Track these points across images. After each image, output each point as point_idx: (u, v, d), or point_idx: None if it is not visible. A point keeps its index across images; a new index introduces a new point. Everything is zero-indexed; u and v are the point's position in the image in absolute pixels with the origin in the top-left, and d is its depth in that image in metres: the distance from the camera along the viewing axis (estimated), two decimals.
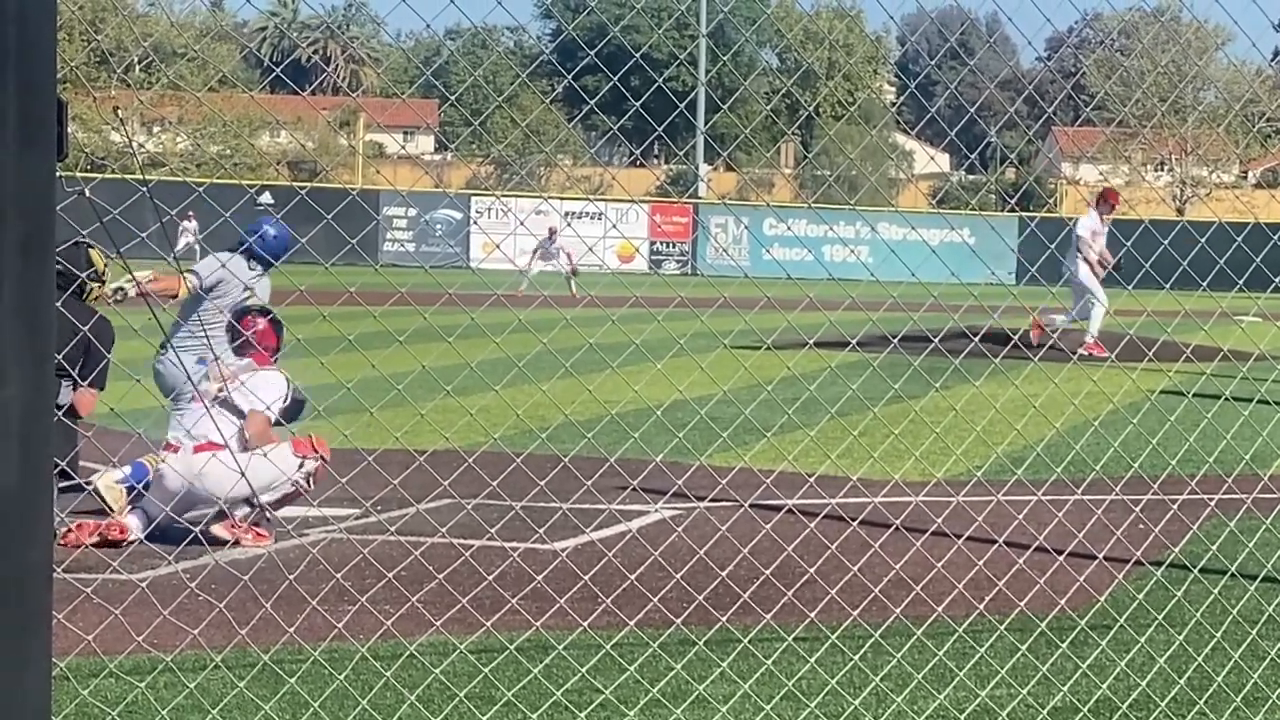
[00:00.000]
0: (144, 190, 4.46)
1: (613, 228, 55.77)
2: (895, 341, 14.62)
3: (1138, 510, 8.78)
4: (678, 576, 7.20)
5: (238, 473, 9.10)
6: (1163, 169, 77.92)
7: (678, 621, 7.16)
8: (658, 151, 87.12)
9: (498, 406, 12.49)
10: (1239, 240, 7.62)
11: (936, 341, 6.40)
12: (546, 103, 57.21)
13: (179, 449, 9.60)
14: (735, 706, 6.37)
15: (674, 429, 9.97)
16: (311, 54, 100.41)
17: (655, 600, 7.21)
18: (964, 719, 6.28)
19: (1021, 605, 7.31)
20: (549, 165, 68.84)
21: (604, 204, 56.24)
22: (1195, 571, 8.00)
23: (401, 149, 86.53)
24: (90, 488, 9.92)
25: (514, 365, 9.10)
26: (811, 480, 9.72)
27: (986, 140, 69.50)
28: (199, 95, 54.10)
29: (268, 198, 33.70)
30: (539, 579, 7.67)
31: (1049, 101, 60.39)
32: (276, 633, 6.86)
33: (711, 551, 7.86)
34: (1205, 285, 7.21)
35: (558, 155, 72.03)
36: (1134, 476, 9.54)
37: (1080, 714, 6.40)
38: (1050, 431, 12.79)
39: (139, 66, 66.24)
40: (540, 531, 9.48)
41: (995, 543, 8.14)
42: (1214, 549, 9.15)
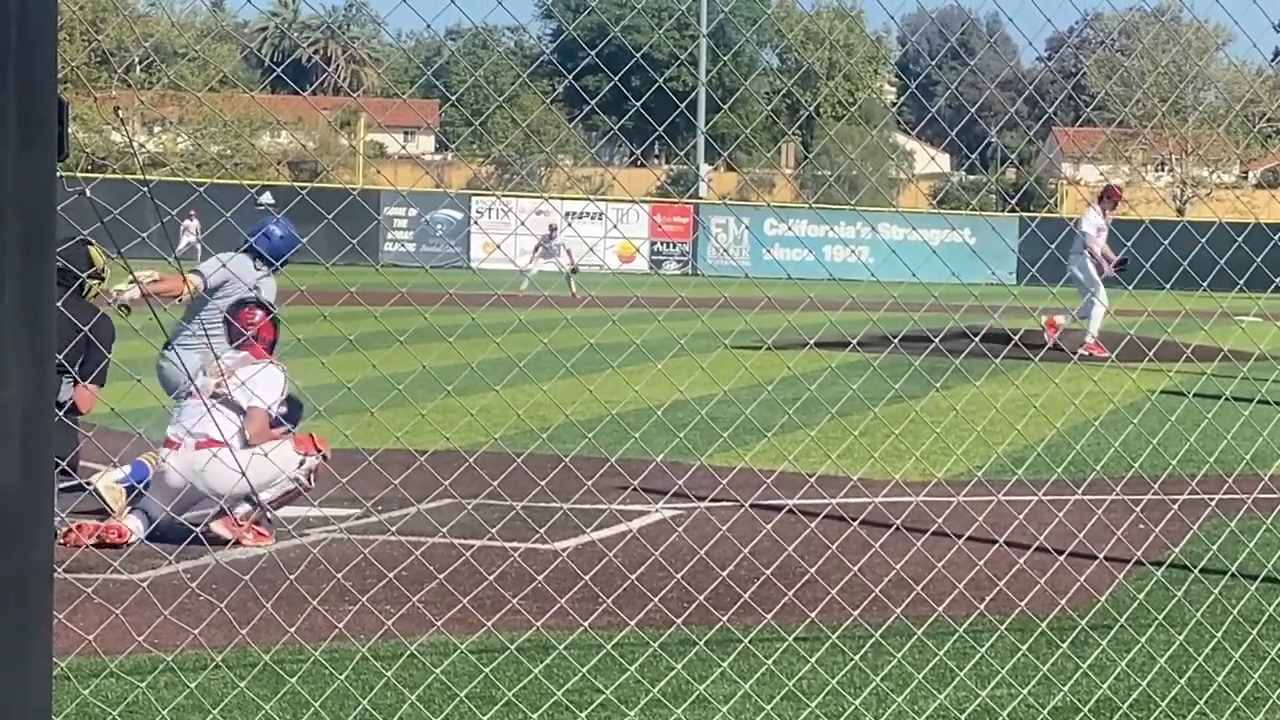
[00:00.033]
0: (145, 190, 4.46)
1: (613, 228, 55.75)
2: (896, 342, 14.62)
3: (1138, 510, 8.78)
4: (678, 576, 7.20)
5: (239, 469, 9.11)
6: (1163, 169, 77.91)
7: (678, 621, 7.17)
8: (658, 151, 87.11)
9: (498, 406, 12.50)
10: (1239, 240, 7.63)
11: (937, 342, 6.41)
12: (547, 103, 57.17)
13: (180, 445, 9.59)
14: (736, 706, 6.37)
15: (674, 429, 9.96)
16: (312, 54, 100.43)
17: (656, 600, 7.21)
18: (964, 719, 6.28)
19: (1022, 605, 7.31)
20: (550, 165, 68.86)
21: (604, 204, 56.22)
22: (1196, 571, 8.00)
23: (402, 149, 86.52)
24: (90, 488, 9.91)
25: (515, 365, 9.10)
26: (812, 480, 9.73)
27: (987, 140, 69.51)
28: (200, 95, 54.08)
29: (268, 198, 33.69)
30: (540, 579, 7.68)
31: (1049, 102, 60.37)
32: (277, 632, 6.86)
33: (712, 551, 7.86)
34: (1205, 285, 7.21)
35: (558, 155, 72.02)
36: (1134, 476, 9.54)
37: (1081, 714, 6.40)
38: (1051, 431, 12.79)
39: (140, 66, 66.23)
40: (541, 531, 9.48)
41: (996, 543, 8.14)
42: (1214, 549, 9.15)
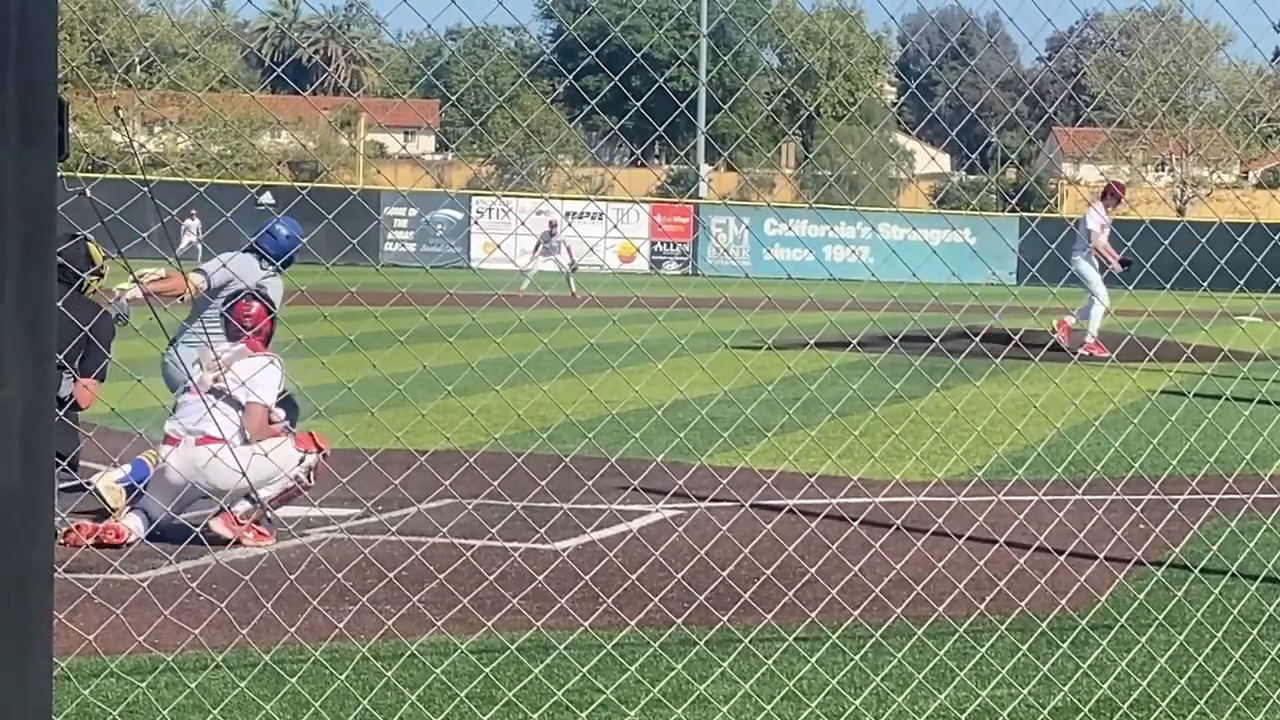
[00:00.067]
0: (145, 190, 4.46)
1: (613, 228, 55.75)
2: (896, 342, 14.62)
3: (1138, 510, 8.78)
4: (678, 576, 7.20)
5: (244, 460, 9.12)
6: (1163, 169, 77.90)
7: (678, 621, 7.17)
8: (658, 151, 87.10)
9: (499, 406, 12.49)
10: (1239, 240, 7.63)
11: (937, 342, 6.41)
12: (547, 103, 57.19)
13: (179, 442, 9.58)
14: (736, 706, 6.37)
15: (675, 429, 9.96)
16: (312, 54, 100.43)
17: (656, 600, 7.21)
18: (965, 719, 6.28)
19: (1022, 605, 7.31)
20: (550, 165, 68.84)
21: (605, 204, 56.21)
22: (1196, 571, 8.00)
23: (402, 149, 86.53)
24: (90, 488, 9.91)
25: (515, 365, 9.10)
26: (812, 480, 9.73)
27: (987, 140, 69.49)
28: (200, 95, 54.08)
29: (269, 198, 33.69)
30: (540, 579, 7.68)
31: (1050, 102, 60.38)
32: (277, 632, 6.86)
33: (712, 551, 7.86)
34: (1206, 285, 7.21)
35: (559, 155, 72.00)
36: (1135, 476, 9.53)
37: (1081, 714, 6.40)
38: (1051, 431, 12.80)
39: (140, 66, 66.23)
40: (541, 531, 9.48)
41: (996, 543, 8.15)
42: (1215, 549, 9.15)
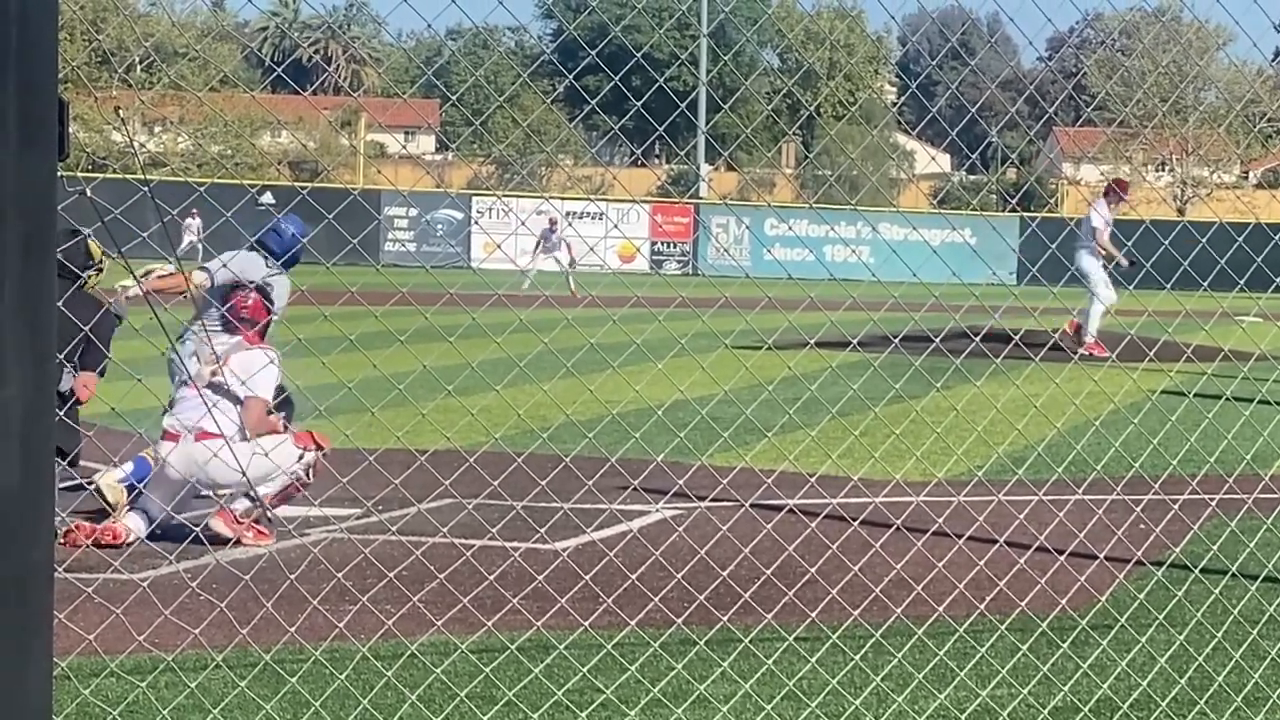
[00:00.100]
0: (145, 190, 4.46)
1: (614, 228, 55.74)
2: (896, 341, 14.62)
3: (1139, 510, 8.78)
4: (679, 576, 7.20)
5: (243, 455, 9.12)
6: (1164, 169, 77.89)
7: (679, 621, 7.17)
8: (659, 151, 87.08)
9: (499, 406, 12.49)
10: (1240, 240, 7.63)
11: (938, 342, 6.41)
12: (548, 103, 57.19)
13: (178, 438, 9.57)
14: (736, 706, 6.37)
15: (675, 429, 9.96)
16: (313, 54, 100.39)
17: (656, 600, 7.21)
18: (965, 719, 6.28)
19: (1022, 605, 7.31)
20: (550, 165, 68.82)
21: (605, 204, 56.21)
22: (1196, 571, 7.99)
23: (403, 149, 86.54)
24: (91, 487, 9.91)
25: (515, 365, 9.11)
26: (812, 480, 9.73)
27: (987, 140, 69.50)
28: (200, 95, 54.07)
29: (269, 198, 33.69)
30: (540, 579, 7.68)
31: (1050, 101, 60.38)
32: (278, 632, 6.86)
33: (712, 551, 7.86)
34: (1206, 285, 7.21)
35: (559, 155, 72.00)
36: (1135, 476, 9.53)
37: (1081, 714, 6.40)
38: (1051, 431, 12.80)
39: (140, 66, 66.23)
40: (541, 531, 9.48)
41: (996, 543, 8.15)
42: (1215, 549, 9.15)
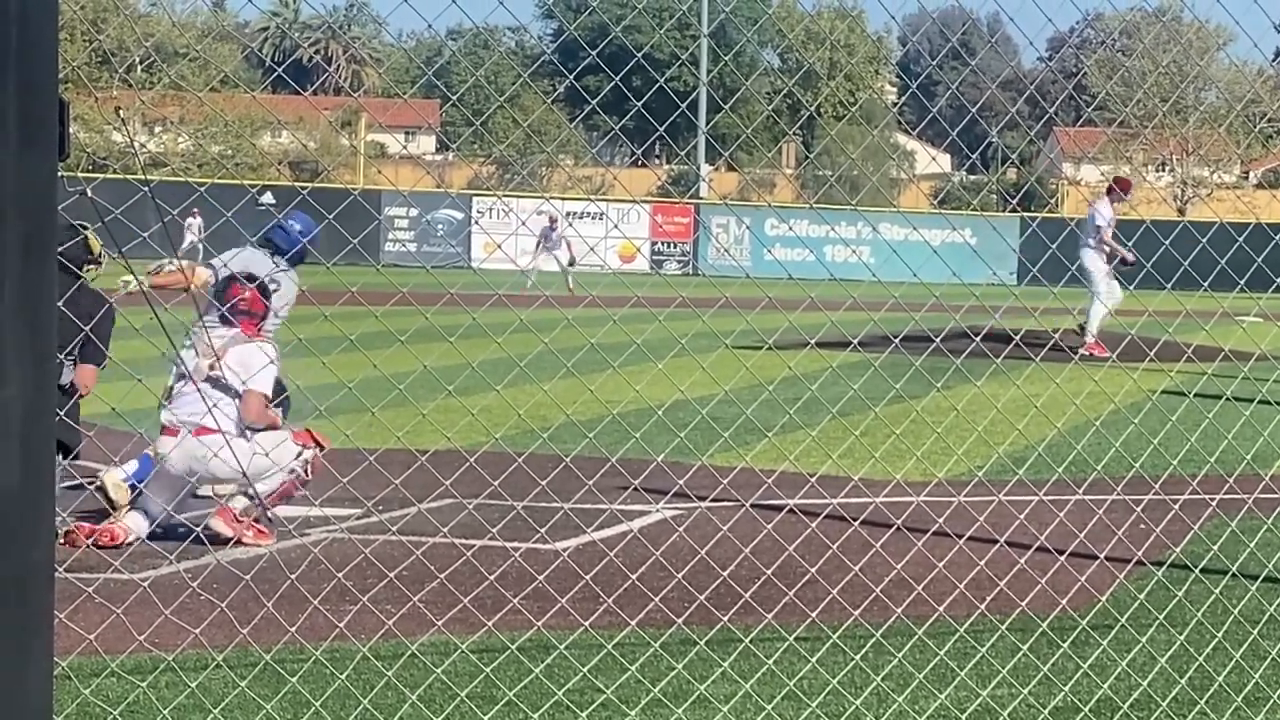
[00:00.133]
0: (145, 190, 4.46)
1: (614, 228, 55.74)
2: (896, 342, 14.62)
3: (1139, 510, 8.78)
4: (679, 576, 7.20)
5: (241, 449, 9.13)
6: (1164, 169, 77.87)
7: (679, 621, 7.17)
8: (659, 152, 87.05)
9: (499, 406, 12.49)
10: (1240, 240, 7.63)
11: (938, 342, 6.41)
12: (548, 103, 57.19)
13: (177, 432, 9.57)
14: (736, 706, 6.37)
15: (675, 429, 9.96)
16: (313, 54, 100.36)
17: (656, 600, 7.21)
18: (965, 719, 6.28)
19: (1023, 605, 7.31)
20: (550, 165, 68.83)
21: (605, 204, 56.21)
22: (1196, 571, 7.99)
23: (403, 149, 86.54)
24: (94, 485, 9.90)
25: (516, 365, 9.11)
26: (813, 480, 9.73)
27: (988, 140, 69.47)
28: (201, 95, 54.09)
29: (269, 198, 33.67)
30: (540, 579, 7.68)
31: (1050, 102, 60.35)
32: (278, 632, 6.86)
33: (713, 551, 7.86)
34: (1206, 285, 7.21)
35: (559, 155, 71.99)
36: (1135, 476, 9.53)
37: (1081, 714, 6.40)
38: (1051, 431, 12.80)
39: (141, 66, 66.22)
40: (542, 531, 9.48)
41: (996, 543, 8.15)
42: (1215, 549, 9.15)
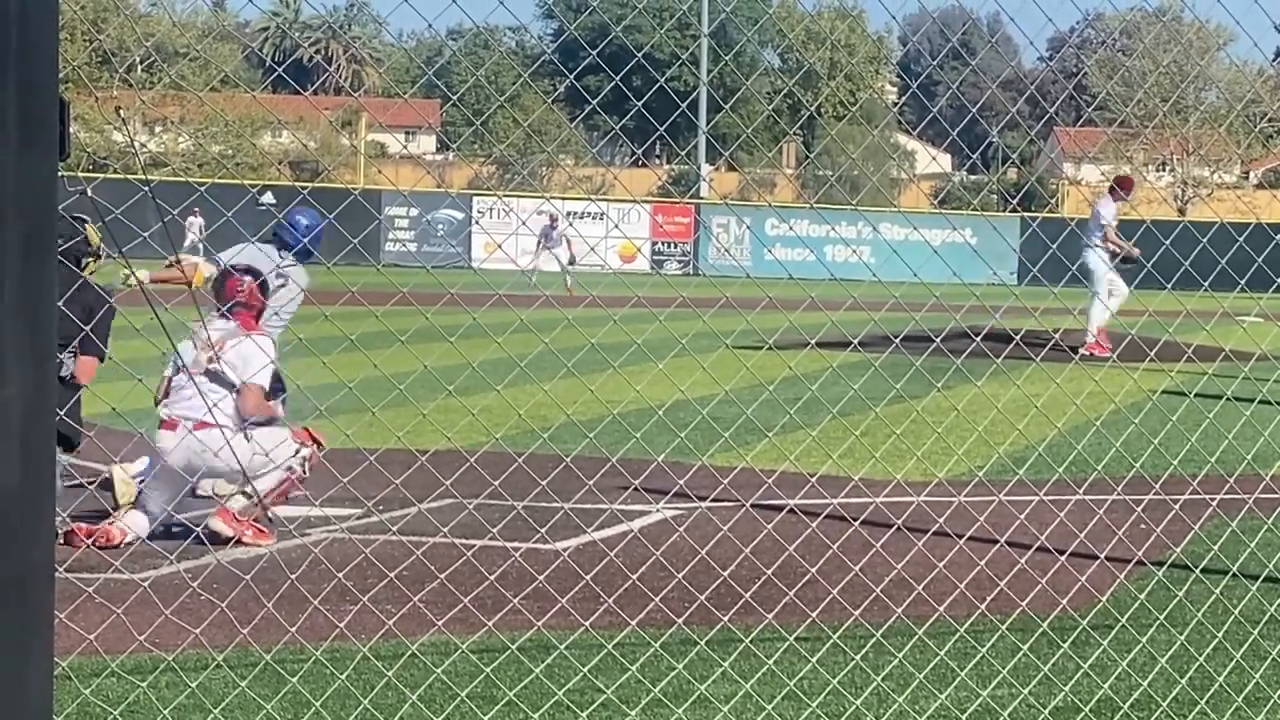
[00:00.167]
0: (146, 190, 4.46)
1: (614, 228, 55.75)
2: (897, 341, 14.61)
3: (1139, 510, 8.78)
4: (679, 576, 7.19)
5: (239, 444, 9.15)
6: (1164, 169, 77.87)
7: (679, 621, 7.17)
8: (659, 151, 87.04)
9: (499, 406, 12.49)
10: (1240, 240, 7.62)
11: (938, 342, 6.41)
12: (548, 103, 57.19)
13: (176, 426, 9.57)
14: (737, 706, 6.37)
15: (676, 429, 9.96)
16: (313, 54, 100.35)
17: (657, 600, 7.20)
18: (965, 719, 6.28)
19: (1023, 605, 7.31)
20: (551, 165, 68.84)
21: (606, 204, 56.21)
22: (1197, 571, 7.99)
23: (403, 149, 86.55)
24: (94, 482, 9.90)
25: (516, 365, 9.12)
26: (813, 480, 9.73)
27: (988, 140, 69.49)
28: (201, 95, 54.11)
29: (270, 198, 33.66)
30: (541, 579, 7.68)
31: (1051, 101, 60.34)
32: (278, 632, 6.86)
33: (713, 551, 7.86)
34: (1207, 285, 7.21)
35: (559, 155, 72.00)
36: (1135, 476, 9.53)
37: (1082, 714, 6.40)
38: (1052, 431, 12.80)
39: (141, 66, 66.25)
40: (542, 531, 9.48)
41: (997, 543, 8.14)
42: (1216, 549, 9.14)
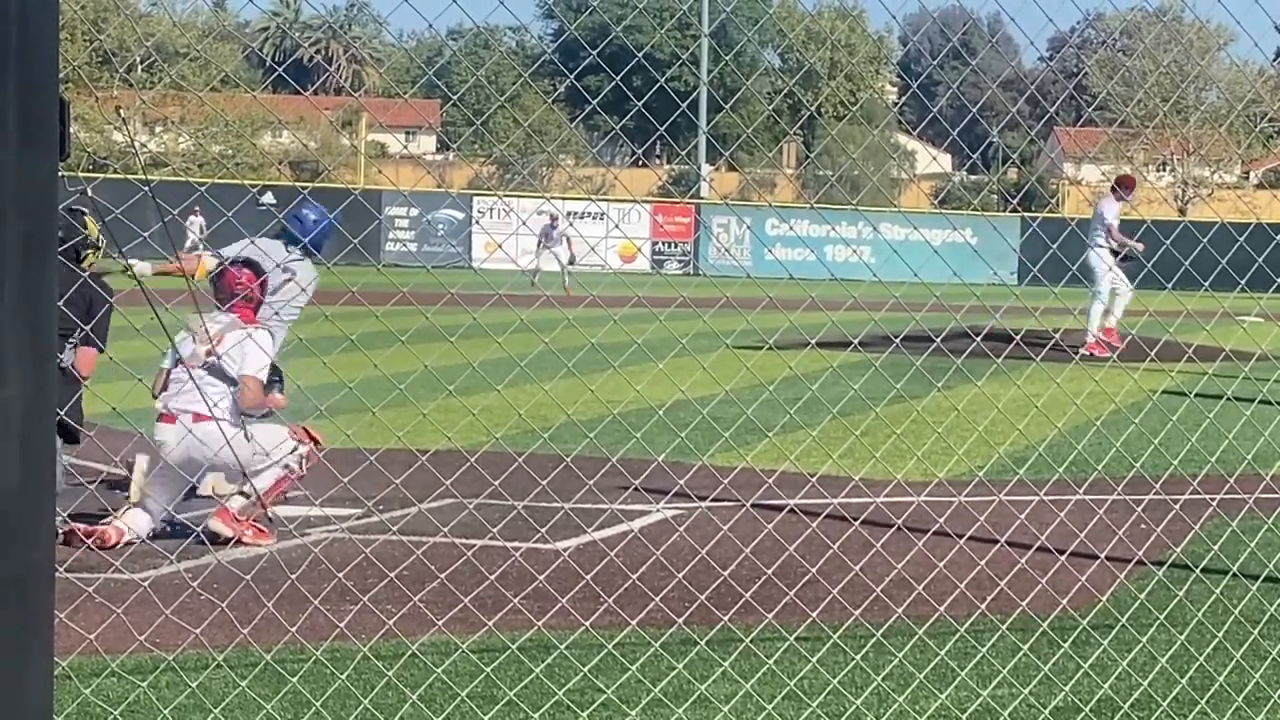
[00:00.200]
0: (146, 190, 4.46)
1: (615, 228, 55.74)
2: (897, 341, 14.61)
3: (1140, 510, 8.78)
4: (679, 576, 7.20)
5: (237, 438, 9.16)
6: (1165, 169, 77.86)
7: (679, 621, 7.17)
8: (660, 151, 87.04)
9: (500, 406, 12.49)
10: (1241, 240, 7.62)
11: (939, 341, 6.41)
12: (549, 103, 57.19)
13: (175, 419, 9.57)
14: (737, 706, 6.37)
15: (676, 429, 9.96)
16: (314, 54, 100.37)
17: (657, 600, 7.21)
18: (966, 719, 6.28)
19: (1023, 605, 7.31)
20: (551, 165, 68.82)
21: (606, 204, 56.20)
22: (1197, 571, 7.99)
23: (404, 149, 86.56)
24: (95, 482, 9.90)
25: (516, 365, 9.12)
26: (813, 480, 9.73)
27: (988, 140, 69.47)
28: (201, 95, 54.11)
29: (270, 198, 33.65)
30: (541, 578, 7.69)
31: (1051, 101, 60.33)
32: (278, 632, 6.86)
33: (713, 551, 7.86)
34: (1207, 285, 7.21)
35: (560, 155, 71.98)
36: (1136, 476, 9.53)
37: (1082, 714, 6.40)
38: (1052, 431, 12.80)
39: (141, 66, 66.24)
40: (542, 531, 9.48)
41: (997, 542, 8.15)
42: (1216, 549, 9.14)
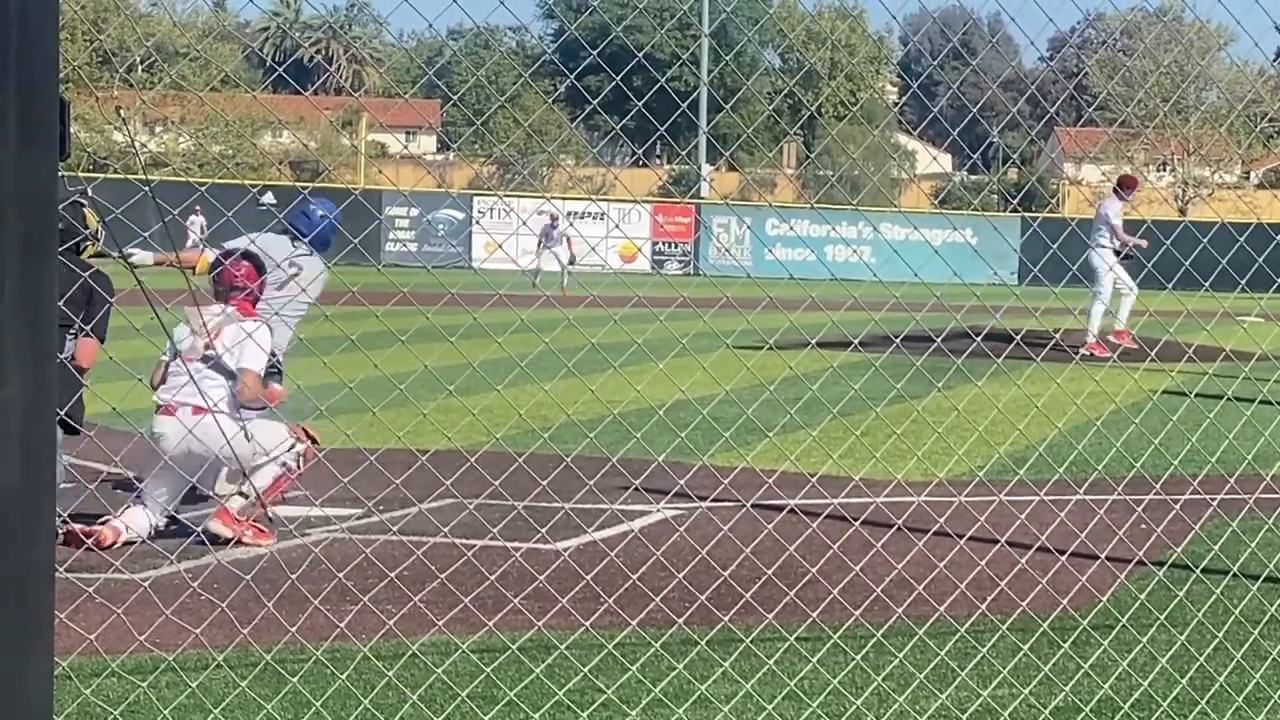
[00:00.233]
0: (146, 190, 4.46)
1: (615, 228, 55.74)
2: (897, 341, 14.61)
3: (1140, 510, 8.78)
4: (680, 576, 7.20)
5: (235, 431, 9.17)
6: (1165, 169, 77.86)
7: (680, 621, 7.17)
8: (660, 151, 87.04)
9: (500, 406, 12.49)
10: (1241, 241, 7.62)
11: (939, 342, 6.41)
12: (549, 103, 57.20)
13: (175, 411, 9.57)
14: (737, 706, 6.37)
15: (676, 429, 9.96)
16: (314, 54, 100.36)
17: (657, 600, 7.20)
18: (966, 719, 6.28)
19: (1024, 605, 7.31)
20: (551, 165, 68.83)
21: (606, 204, 56.21)
22: (1197, 571, 7.99)
23: (404, 149, 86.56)
24: (95, 482, 9.90)
25: (516, 365, 9.12)
26: (814, 480, 9.73)
27: (989, 140, 69.46)
28: (201, 95, 54.11)
29: (270, 197, 33.64)
30: (541, 579, 7.69)
31: (1051, 101, 60.34)
32: (278, 632, 6.86)
33: (713, 551, 7.86)
34: (1207, 285, 7.21)
35: (560, 155, 72.00)
36: (1136, 476, 9.53)
37: (1082, 714, 6.40)
38: (1052, 431, 12.80)
39: (141, 66, 66.24)
40: (542, 531, 9.48)
41: (997, 543, 8.15)
42: (1216, 549, 9.14)
